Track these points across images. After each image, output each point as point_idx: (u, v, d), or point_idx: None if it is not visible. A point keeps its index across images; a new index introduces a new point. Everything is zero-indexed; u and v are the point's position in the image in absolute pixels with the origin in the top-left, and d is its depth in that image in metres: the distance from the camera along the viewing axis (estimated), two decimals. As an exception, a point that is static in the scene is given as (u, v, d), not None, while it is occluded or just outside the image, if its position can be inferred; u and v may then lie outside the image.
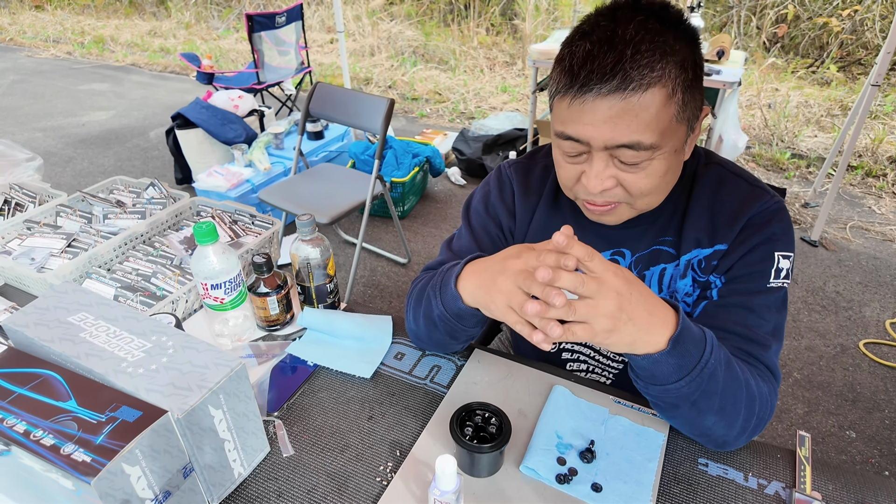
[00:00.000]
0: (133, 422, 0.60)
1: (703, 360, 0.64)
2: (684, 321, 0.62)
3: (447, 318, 0.79)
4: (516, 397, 0.86)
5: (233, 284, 0.90)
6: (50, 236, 1.18)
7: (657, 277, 0.85)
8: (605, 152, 0.69)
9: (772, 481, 0.73)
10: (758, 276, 0.77)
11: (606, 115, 0.65)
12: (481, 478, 0.73)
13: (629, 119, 0.65)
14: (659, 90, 0.64)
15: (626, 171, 0.70)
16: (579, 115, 0.67)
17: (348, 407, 0.85)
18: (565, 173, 0.76)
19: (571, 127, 0.69)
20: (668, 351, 0.62)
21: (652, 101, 0.64)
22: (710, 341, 0.65)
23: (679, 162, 0.75)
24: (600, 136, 0.67)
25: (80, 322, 0.75)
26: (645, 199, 0.74)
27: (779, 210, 0.79)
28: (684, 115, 0.69)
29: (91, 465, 0.55)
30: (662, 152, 0.69)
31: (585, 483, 0.72)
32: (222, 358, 0.69)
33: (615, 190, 0.72)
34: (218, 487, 0.71)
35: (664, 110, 0.65)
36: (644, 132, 0.65)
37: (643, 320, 0.59)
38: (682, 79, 0.66)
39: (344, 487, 0.73)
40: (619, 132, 0.66)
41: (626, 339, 0.59)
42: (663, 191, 0.75)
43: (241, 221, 1.24)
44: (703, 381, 0.64)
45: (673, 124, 0.68)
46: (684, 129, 0.71)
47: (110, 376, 0.66)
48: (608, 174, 0.70)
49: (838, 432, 1.81)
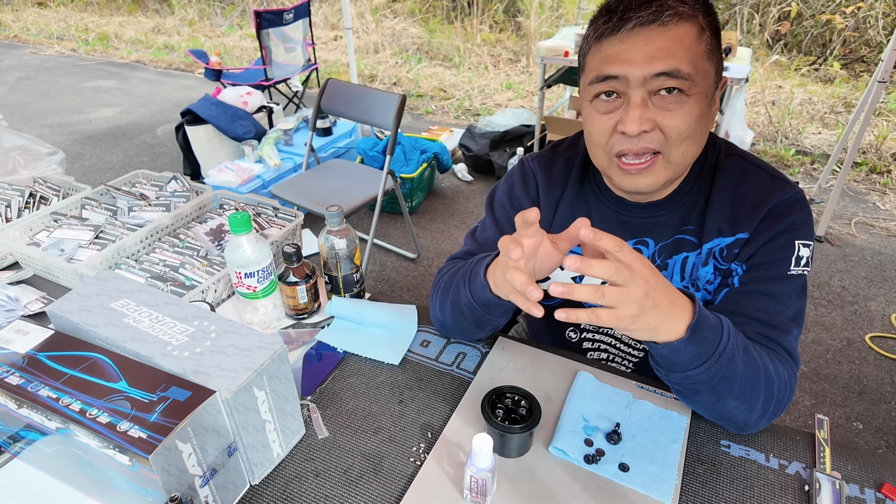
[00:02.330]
0: (184, 401, 0.63)
1: (720, 346, 0.66)
2: (701, 309, 0.65)
3: (475, 307, 0.81)
4: (542, 382, 0.88)
5: (265, 273, 0.92)
6: (77, 228, 1.20)
7: (679, 266, 0.87)
8: (643, 90, 0.71)
9: (792, 462, 0.76)
10: (779, 264, 0.80)
11: (645, 45, 0.69)
12: (512, 458, 0.76)
13: (667, 48, 0.68)
14: (692, 24, 0.70)
15: (663, 111, 0.71)
16: (619, 50, 0.70)
17: (379, 391, 0.87)
18: (599, 128, 0.76)
19: (610, 66, 0.71)
20: (686, 338, 0.64)
21: (687, 33, 0.69)
22: (727, 328, 0.67)
23: (708, 115, 0.75)
24: (639, 67, 0.69)
25: (122, 308, 0.77)
26: (681, 148, 0.74)
27: (799, 200, 0.81)
28: (712, 59, 0.73)
29: (147, 440, 0.58)
30: (696, 90, 0.71)
31: (613, 463, 0.74)
32: (265, 341, 0.71)
33: (652, 134, 0.73)
34: (259, 467, 0.73)
35: (697, 44, 0.70)
36: (681, 60, 0.69)
37: (665, 308, 0.62)
38: (710, 23, 0.71)
39: (379, 467, 0.75)
40: (657, 61, 0.68)
41: (650, 325, 0.61)
42: (696, 140, 0.75)
43: (265, 214, 1.27)
44: (721, 367, 0.67)
45: (704, 63, 0.71)
46: (712, 76, 0.74)
47: (157, 359, 0.69)
48: (646, 115, 0.71)
49: (845, 423, 1.83)
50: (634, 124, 0.71)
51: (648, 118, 0.72)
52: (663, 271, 0.88)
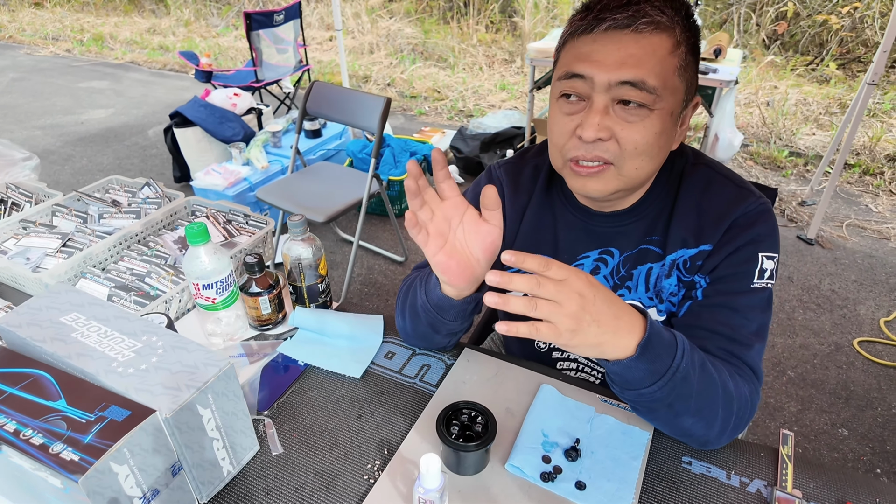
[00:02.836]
0: (122, 421, 0.61)
1: (674, 365, 0.64)
2: (653, 327, 0.63)
3: (428, 309, 0.81)
4: (505, 396, 0.87)
5: (224, 284, 0.91)
6: (45, 236, 1.19)
7: (644, 277, 0.86)
8: (607, 96, 0.69)
9: (754, 479, 0.74)
10: (742, 277, 0.78)
11: (616, 49, 0.67)
12: (468, 476, 0.74)
13: (637, 56, 0.67)
14: (668, 36, 0.68)
15: (623, 122, 0.70)
16: (590, 50, 0.69)
17: (338, 406, 0.86)
18: (559, 128, 0.75)
19: (579, 64, 0.69)
20: (636, 357, 0.62)
21: (660, 45, 0.67)
22: (682, 345, 0.66)
23: (671, 133, 0.74)
24: (606, 71, 0.68)
25: (72, 322, 0.76)
26: (635, 162, 0.72)
27: (764, 212, 0.80)
28: (684, 76, 0.71)
29: (79, 463, 0.57)
30: (661, 106, 0.69)
31: (570, 481, 0.73)
32: (211, 358, 0.70)
33: (608, 143, 0.71)
34: (207, 485, 0.72)
35: (669, 58, 0.68)
36: (649, 73, 0.67)
37: (609, 323, 0.60)
38: (687, 38, 0.70)
39: (332, 485, 0.74)
40: (625, 68, 0.67)
41: (591, 341, 0.60)
42: (653, 157, 0.74)
43: (236, 221, 1.25)
44: (675, 385, 0.65)
45: (674, 79, 0.70)
46: (682, 93, 0.72)
47: (101, 376, 0.67)
48: (605, 123, 0.70)
49: (831, 430, 1.82)
50: (591, 130, 0.70)
51: (606, 126, 0.70)
52: (628, 282, 0.87)
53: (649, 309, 0.86)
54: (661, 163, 0.77)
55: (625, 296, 0.88)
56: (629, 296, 0.88)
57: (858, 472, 0.82)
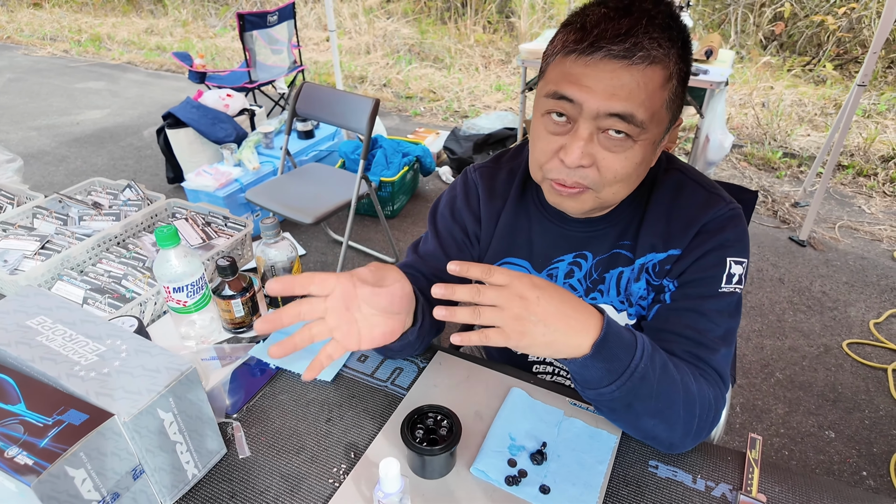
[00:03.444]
0: (79, 425, 0.61)
1: (632, 365, 0.64)
2: (609, 326, 0.63)
3: None
4: (474, 399, 0.87)
5: (195, 287, 0.91)
6: (24, 238, 1.19)
7: (615, 280, 0.86)
8: (593, 124, 0.68)
9: (720, 483, 0.74)
10: (710, 281, 0.78)
11: (608, 79, 0.65)
12: (433, 479, 0.74)
13: (629, 89, 0.65)
14: (661, 70, 0.66)
15: (605, 150, 0.70)
16: (581, 73, 0.67)
17: (308, 409, 0.86)
18: (542, 146, 0.74)
19: (569, 87, 0.67)
20: (591, 356, 0.62)
21: (653, 78, 0.66)
22: (641, 346, 0.66)
23: (650, 160, 0.75)
24: (596, 99, 0.66)
25: (37, 325, 0.76)
26: (613, 188, 0.73)
27: (733, 217, 0.80)
28: (672, 108, 0.71)
29: (33, 468, 0.56)
30: (646, 137, 0.69)
31: (534, 485, 0.73)
32: (174, 362, 0.70)
33: (589, 171, 0.71)
34: (171, 489, 0.72)
35: (660, 92, 0.67)
36: (639, 107, 0.66)
37: (556, 322, 0.60)
38: (679, 69, 0.69)
39: (297, 489, 0.74)
40: (615, 100, 0.65)
41: (541, 341, 0.60)
42: (631, 183, 0.74)
43: (215, 223, 1.25)
44: (634, 385, 0.65)
45: (662, 111, 0.69)
46: (665, 124, 0.72)
47: (62, 380, 0.67)
48: (588, 150, 0.69)
49: (818, 432, 1.81)
50: (574, 157, 0.69)
51: (590, 153, 0.70)
52: (600, 285, 0.87)
53: (620, 313, 0.87)
54: (635, 185, 0.77)
55: (597, 299, 0.88)
56: (601, 299, 0.88)
57: (824, 477, 0.81)
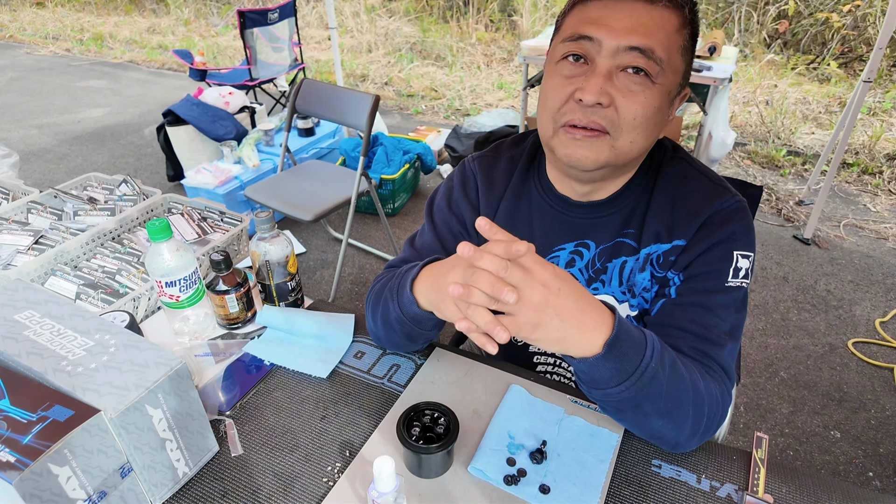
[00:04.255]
0: (64, 421, 0.59)
1: (642, 365, 0.62)
2: (621, 325, 0.61)
3: (404, 322, 0.78)
4: (473, 397, 0.85)
5: (188, 282, 0.89)
6: (18, 233, 1.17)
7: (618, 269, 0.84)
8: (612, 61, 0.68)
9: (725, 483, 0.72)
10: (716, 275, 0.76)
11: (628, 17, 0.67)
12: (429, 478, 0.72)
13: (648, 26, 0.67)
14: (678, 14, 0.69)
15: (624, 90, 0.68)
16: (601, 14, 0.68)
17: (302, 406, 0.84)
18: (556, 93, 0.72)
19: (587, 27, 0.68)
20: (603, 355, 0.60)
21: (670, 20, 0.68)
22: (651, 344, 0.63)
23: (665, 115, 0.73)
24: (616, 35, 0.67)
25: (25, 320, 0.74)
26: (630, 135, 0.70)
27: (739, 209, 0.78)
28: (685, 56, 0.71)
29: (15, 465, 0.55)
30: (662, 80, 0.69)
31: (533, 484, 0.71)
32: (163, 357, 0.68)
33: (607, 111, 0.69)
34: (160, 487, 0.70)
35: (676, 35, 0.69)
36: (658, 44, 0.67)
37: (572, 318, 0.58)
38: (692, 22, 0.71)
39: (290, 488, 0.72)
40: (635, 34, 0.66)
41: (554, 335, 0.58)
42: (648, 133, 0.72)
43: (210, 219, 1.24)
44: (643, 386, 0.63)
45: (677, 57, 0.70)
46: (680, 74, 0.72)
47: (49, 375, 0.66)
48: (607, 88, 0.68)
49: (823, 432, 1.79)
50: (593, 93, 0.67)
51: (608, 92, 0.68)
52: (602, 275, 0.85)
53: (621, 304, 0.84)
54: (652, 142, 0.75)
55: (598, 289, 0.86)
56: (603, 289, 0.85)
57: (832, 477, 0.79)
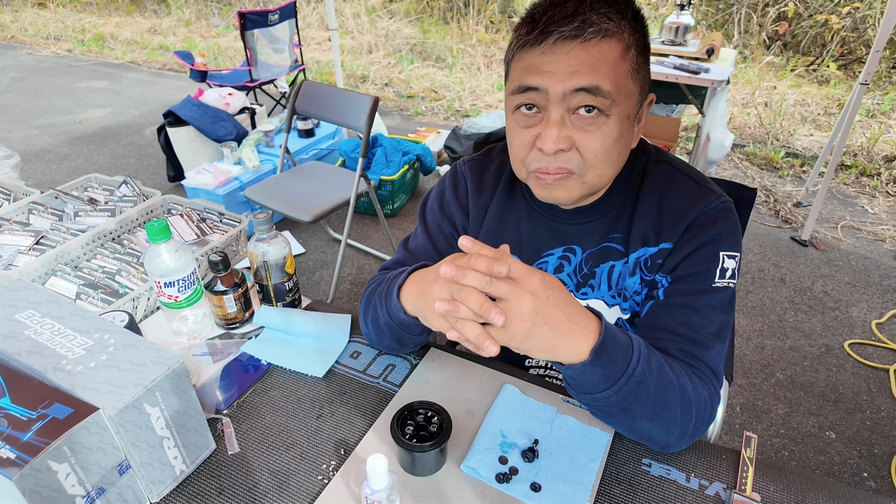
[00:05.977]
0: (63, 419, 0.61)
1: (629, 370, 0.63)
2: (607, 331, 0.62)
3: (392, 326, 0.79)
4: (466, 396, 0.86)
5: (187, 282, 0.90)
6: (19, 234, 1.19)
7: (606, 275, 0.85)
8: (562, 106, 0.69)
9: (713, 482, 0.73)
10: (703, 276, 0.77)
11: (566, 60, 0.67)
12: (423, 476, 0.74)
13: (589, 64, 0.66)
14: (616, 42, 0.67)
15: (581, 131, 0.70)
16: (539, 61, 0.68)
17: (298, 405, 0.85)
18: (519, 141, 0.74)
19: (531, 76, 0.69)
20: (590, 361, 0.61)
21: (609, 51, 0.67)
22: (638, 349, 0.64)
23: (629, 138, 0.74)
24: (559, 81, 0.67)
25: (26, 319, 0.75)
26: (597, 170, 0.73)
27: (725, 210, 0.79)
28: (637, 78, 0.71)
29: (15, 461, 0.56)
30: (616, 111, 0.69)
31: (525, 483, 0.72)
32: (161, 356, 0.69)
33: (570, 154, 0.71)
34: (158, 484, 0.71)
35: (620, 63, 0.68)
36: (603, 78, 0.67)
37: (561, 326, 0.59)
38: (635, 40, 0.70)
39: (285, 485, 0.73)
40: (577, 76, 0.67)
41: (544, 344, 0.59)
42: (613, 162, 0.73)
43: (210, 219, 1.25)
44: (631, 390, 0.64)
45: (627, 83, 0.69)
46: (636, 96, 0.72)
47: (49, 373, 0.67)
48: (564, 133, 0.69)
49: (818, 433, 1.80)
50: (551, 143, 0.69)
51: (566, 136, 0.70)
52: (590, 280, 0.86)
53: (612, 308, 0.86)
54: (622, 165, 0.77)
55: (588, 294, 0.87)
56: (592, 294, 0.87)
57: (819, 476, 0.80)
